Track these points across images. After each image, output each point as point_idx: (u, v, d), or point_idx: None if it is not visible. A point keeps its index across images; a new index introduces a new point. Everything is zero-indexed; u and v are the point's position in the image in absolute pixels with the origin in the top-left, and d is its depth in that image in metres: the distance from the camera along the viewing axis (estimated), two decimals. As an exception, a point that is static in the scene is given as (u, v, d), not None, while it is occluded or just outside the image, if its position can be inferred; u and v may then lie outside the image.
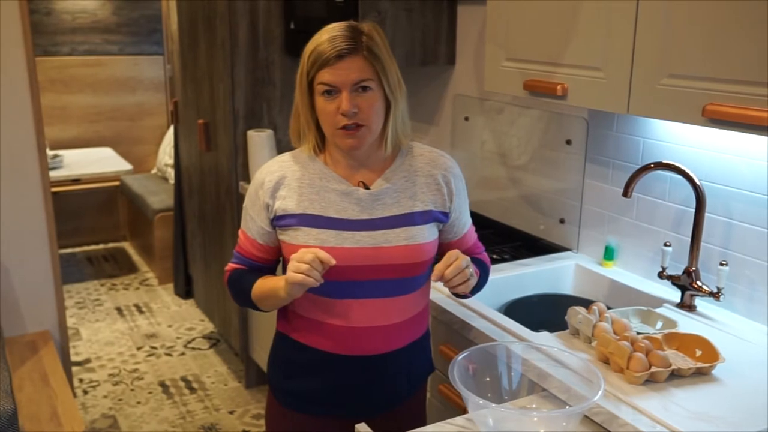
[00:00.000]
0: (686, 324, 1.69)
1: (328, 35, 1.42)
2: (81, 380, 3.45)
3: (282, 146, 3.04)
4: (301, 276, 1.36)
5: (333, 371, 1.55)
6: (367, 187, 1.51)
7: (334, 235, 1.47)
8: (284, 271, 1.59)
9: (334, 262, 1.37)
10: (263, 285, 1.53)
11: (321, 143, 1.53)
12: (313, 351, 1.55)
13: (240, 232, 1.60)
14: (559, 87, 1.76)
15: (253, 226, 1.55)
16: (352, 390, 1.56)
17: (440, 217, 1.55)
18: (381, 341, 1.53)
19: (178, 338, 3.92)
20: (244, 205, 1.58)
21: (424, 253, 1.51)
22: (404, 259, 1.48)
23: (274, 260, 1.60)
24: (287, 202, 1.50)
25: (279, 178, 1.51)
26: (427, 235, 1.52)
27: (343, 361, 1.53)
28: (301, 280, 1.36)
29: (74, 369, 3.46)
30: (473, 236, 1.68)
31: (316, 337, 1.54)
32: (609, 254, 2.10)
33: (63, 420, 2.18)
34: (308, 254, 1.36)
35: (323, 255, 1.36)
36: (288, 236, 1.50)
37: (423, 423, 1.68)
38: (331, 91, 1.41)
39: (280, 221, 1.51)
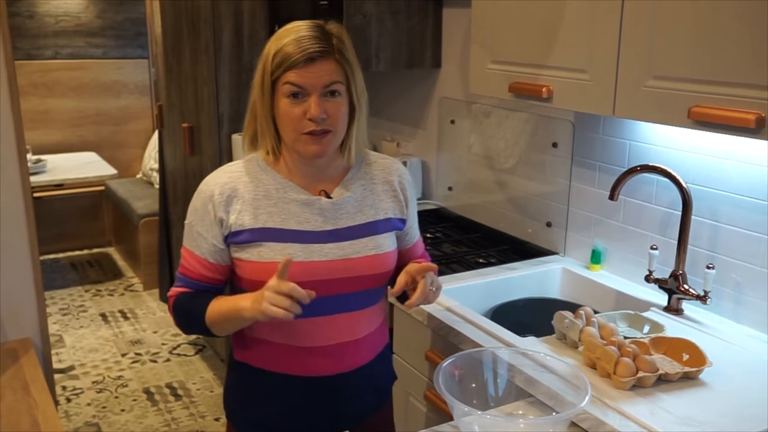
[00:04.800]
0: (673, 328, 1.68)
1: (296, 35, 1.32)
2: (64, 388, 3.40)
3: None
4: (283, 312, 1.24)
5: (301, 395, 1.45)
6: (329, 197, 1.43)
7: (302, 249, 1.37)
8: (232, 292, 1.47)
9: (310, 298, 1.26)
10: (220, 307, 1.39)
11: (278, 148, 1.41)
12: (278, 377, 1.45)
13: (184, 251, 1.45)
14: (544, 89, 1.75)
15: (203, 243, 1.41)
16: (321, 411, 1.47)
17: (398, 225, 1.50)
18: (350, 357, 1.46)
19: (163, 344, 3.88)
20: (187, 222, 1.44)
21: (390, 262, 1.46)
22: (374, 269, 1.42)
23: (224, 280, 1.46)
24: (243, 217, 1.38)
25: (231, 190, 1.39)
26: (390, 243, 1.47)
27: (311, 383, 1.44)
28: (283, 315, 1.24)
29: (57, 376, 3.42)
30: (422, 246, 1.64)
31: (282, 362, 1.43)
32: (596, 258, 2.09)
33: (44, 429, 2.13)
34: (284, 286, 1.24)
35: (299, 293, 1.25)
36: (248, 254, 1.38)
37: None
38: (298, 94, 1.32)
39: (235, 237, 1.38)
